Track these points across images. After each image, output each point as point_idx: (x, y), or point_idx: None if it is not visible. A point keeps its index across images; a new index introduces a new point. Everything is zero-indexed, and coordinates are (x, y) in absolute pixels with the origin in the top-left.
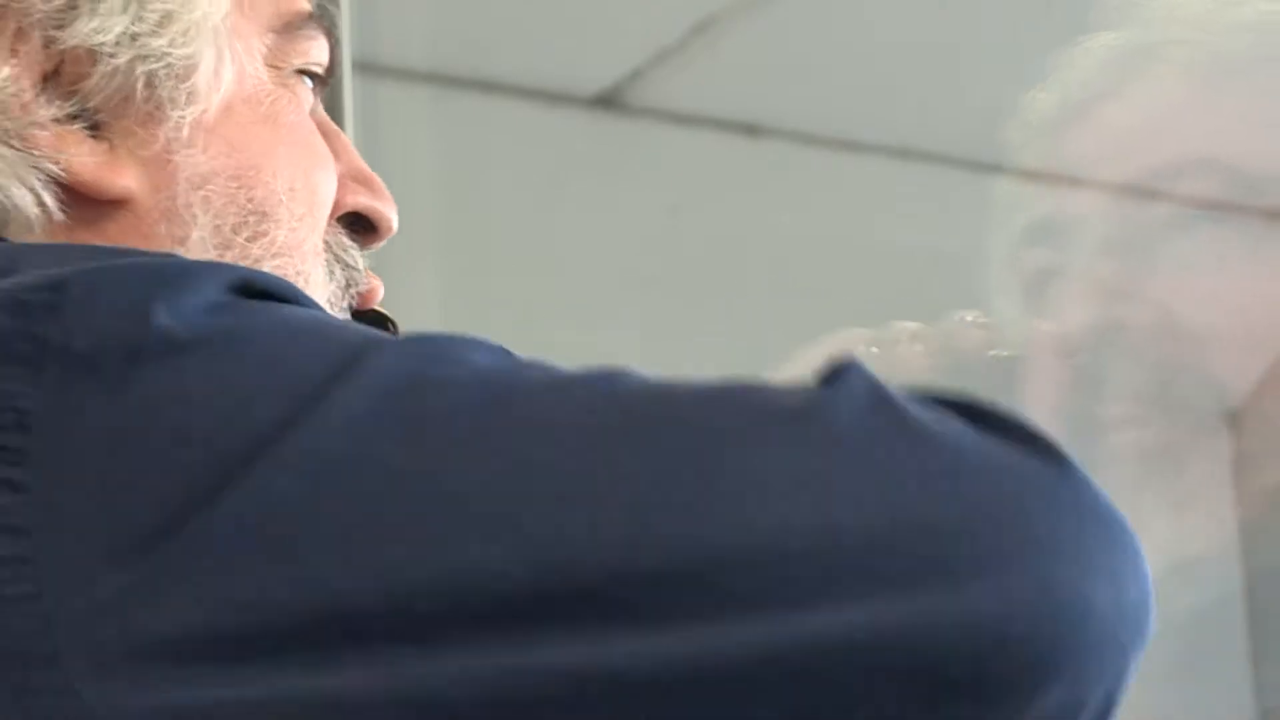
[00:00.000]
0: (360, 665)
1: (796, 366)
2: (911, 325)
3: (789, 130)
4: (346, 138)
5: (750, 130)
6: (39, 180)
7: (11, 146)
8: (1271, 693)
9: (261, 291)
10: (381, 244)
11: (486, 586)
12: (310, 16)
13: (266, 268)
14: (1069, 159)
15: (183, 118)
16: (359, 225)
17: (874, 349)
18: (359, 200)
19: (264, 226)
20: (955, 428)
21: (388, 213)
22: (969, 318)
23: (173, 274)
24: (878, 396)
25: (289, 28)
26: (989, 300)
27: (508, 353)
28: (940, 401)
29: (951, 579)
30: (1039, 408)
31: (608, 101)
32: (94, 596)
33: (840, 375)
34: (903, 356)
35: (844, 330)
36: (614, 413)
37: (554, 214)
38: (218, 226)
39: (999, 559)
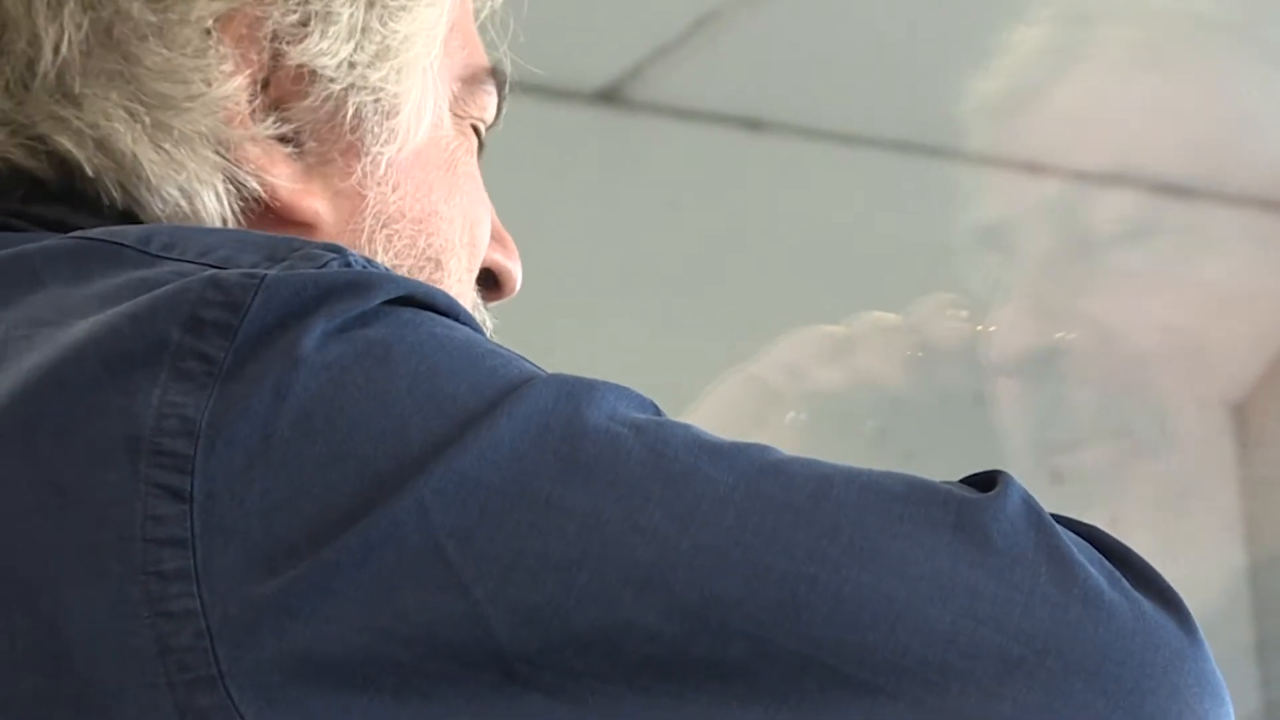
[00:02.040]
0: (514, 715)
1: (764, 361)
2: (884, 316)
3: (790, 125)
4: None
5: (751, 125)
6: (231, 193)
7: (222, 156)
8: (1276, 685)
9: (423, 304)
10: (501, 302)
11: (638, 646)
12: (491, 72)
13: None
14: (1010, 146)
15: (381, 154)
16: (482, 281)
17: (848, 341)
18: (494, 257)
19: (438, 275)
20: (1094, 558)
21: (516, 273)
22: (941, 306)
23: (341, 284)
24: (1035, 514)
25: (474, 79)
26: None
27: (656, 407)
28: (1073, 528)
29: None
30: (1005, 416)
31: (609, 97)
32: (249, 611)
33: (997, 484)
34: (875, 349)
35: (816, 324)
36: (773, 483)
37: (555, 209)
38: (395, 267)
39: (1124, 712)
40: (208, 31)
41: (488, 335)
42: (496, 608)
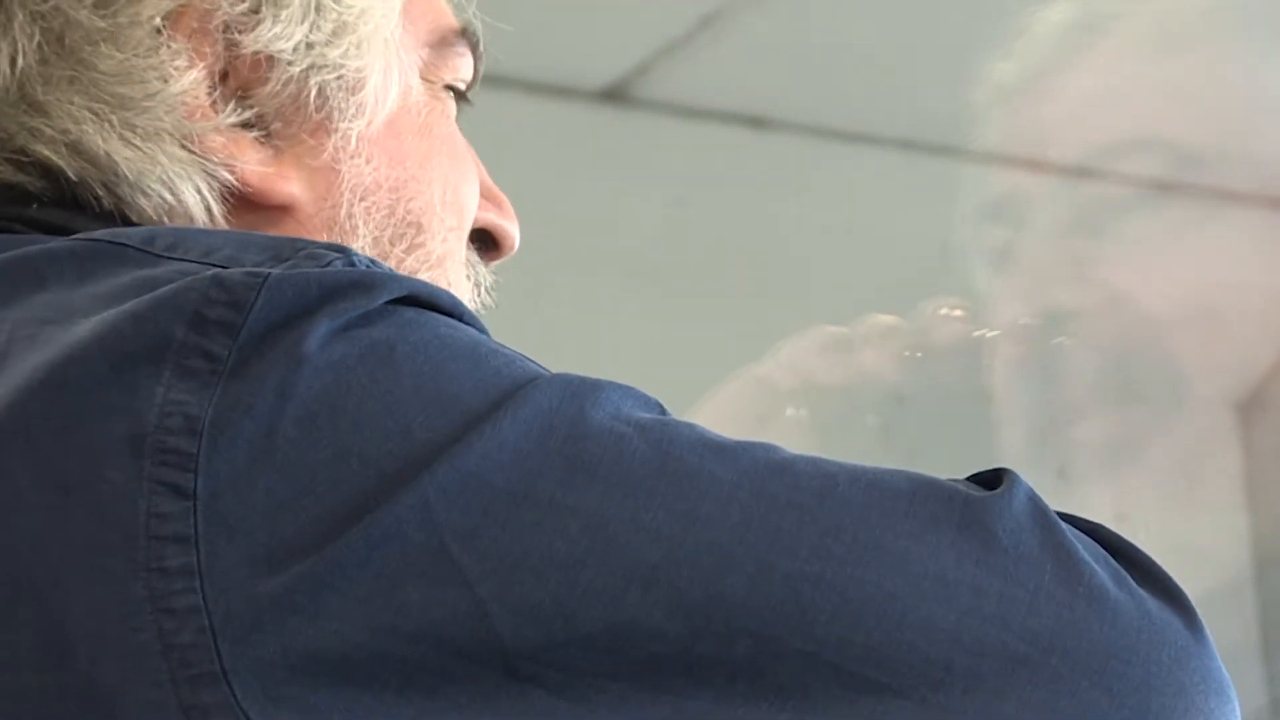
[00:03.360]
0: (518, 713)
1: (769, 363)
2: (887, 319)
3: (795, 123)
4: (475, 154)
5: (756, 123)
6: (208, 184)
7: (188, 150)
8: None
9: (426, 304)
10: (500, 261)
11: (642, 645)
12: (461, 33)
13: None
14: (1023, 133)
15: (350, 129)
16: (480, 241)
17: (849, 343)
18: (488, 217)
19: (420, 239)
20: (1100, 555)
21: (512, 231)
22: (943, 309)
23: (345, 284)
24: (1040, 512)
25: (443, 42)
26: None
27: (661, 406)
28: (1079, 525)
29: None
30: (1005, 393)
31: (614, 95)
32: (252, 608)
33: (1003, 482)
34: (878, 350)
35: (818, 325)
36: (778, 482)
37: (561, 207)
38: (377, 238)
39: (1129, 710)
40: (158, 30)
41: (484, 303)
42: (500, 605)
